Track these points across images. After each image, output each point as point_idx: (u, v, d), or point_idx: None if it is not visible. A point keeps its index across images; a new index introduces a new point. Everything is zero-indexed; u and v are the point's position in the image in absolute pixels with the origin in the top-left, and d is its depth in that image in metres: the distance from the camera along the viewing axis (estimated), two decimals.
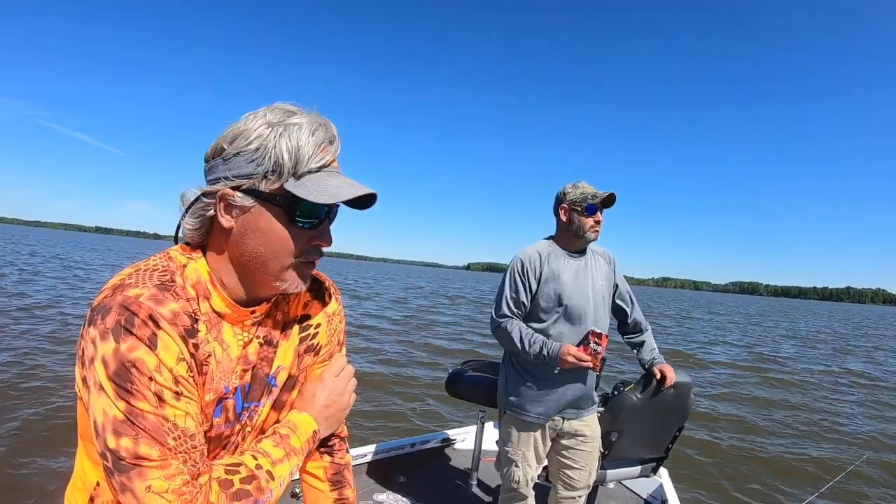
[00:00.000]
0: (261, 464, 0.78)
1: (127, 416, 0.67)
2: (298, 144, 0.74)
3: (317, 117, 0.78)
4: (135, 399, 0.67)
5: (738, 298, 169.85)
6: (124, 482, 0.67)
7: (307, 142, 0.74)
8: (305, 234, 0.78)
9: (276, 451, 0.81)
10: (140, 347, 0.67)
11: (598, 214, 2.19)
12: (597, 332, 2.05)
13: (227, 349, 0.80)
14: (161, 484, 0.67)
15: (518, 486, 2.25)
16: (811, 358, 14.42)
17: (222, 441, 0.83)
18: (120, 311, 0.68)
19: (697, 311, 37.06)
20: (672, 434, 2.50)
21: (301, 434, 0.86)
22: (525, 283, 2.19)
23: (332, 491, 1.06)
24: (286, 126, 0.74)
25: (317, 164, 0.75)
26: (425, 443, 3.52)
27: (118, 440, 0.66)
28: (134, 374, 0.67)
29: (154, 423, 0.68)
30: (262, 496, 0.76)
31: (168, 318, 0.71)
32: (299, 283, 0.80)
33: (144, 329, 0.68)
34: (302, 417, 0.88)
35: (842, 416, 7.66)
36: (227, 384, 0.81)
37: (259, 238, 0.77)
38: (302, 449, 0.85)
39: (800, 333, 23.65)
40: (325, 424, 0.91)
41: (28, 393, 5.28)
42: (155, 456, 0.67)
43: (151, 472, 0.67)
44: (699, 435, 6.07)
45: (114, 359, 0.66)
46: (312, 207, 0.76)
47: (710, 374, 10.24)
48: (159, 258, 0.80)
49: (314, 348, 0.96)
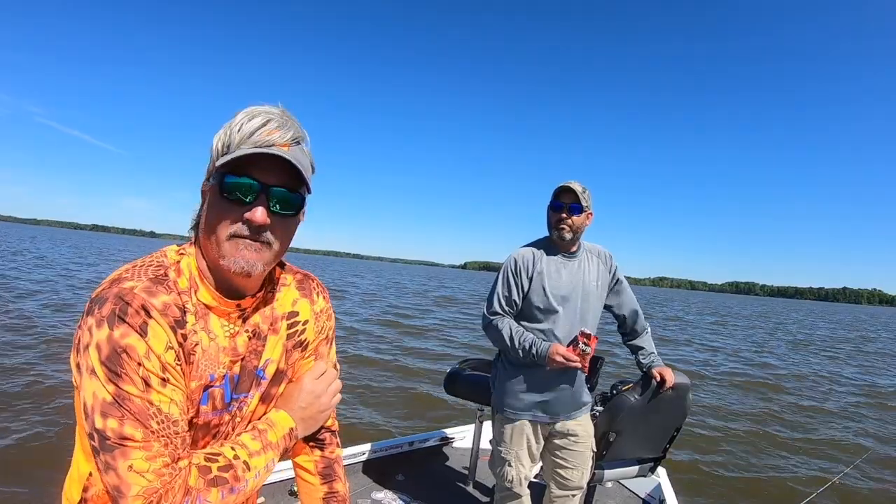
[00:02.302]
0: (238, 454, 0.82)
1: (115, 399, 0.71)
2: (231, 128, 0.79)
3: (264, 109, 0.81)
4: (123, 382, 0.71)
5: (734, 299, 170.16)
6: (108, 461, 0.71)
7: (238, 124, 0.79)
8: (237, 208, 0.79)
9: (254, 444, 0.85)
10: (131, 334, 0.72)
11: (563, 212, 2.14)
12: (586, 333, 2.06)
13: (214, 339, 0.84)
14: (142, 464, 0.71)
15: (512, 486, 2.26)
16: (810, 359, 14.47)
17: (211, 429, 0.86)
18: (115, 301, 0.73)
19: (693, 311, 37.17)
20: (670, 434, 2.51)
21: (277, 430, 0.90)
22: (517, 281, 2.19)
23: (322, 484, 1.10)
24: (233, 118, 0.81)
25: (245, 139, 0.78)
26: (424, 441, 3.53)
27: (105, 421, 0.71)
28: (124, 359, 0.71)
29: (140, 407, 0.72)
30: (238, 484, 0.80)
31: (159, 308, 0.75)
32: (236, 260, 0.80)
33: (136, 318, 0.73)
34: (280, 415, 0.93)
35: (838, 417, 7.69)
36: (213, 372, 0.84)
37: (210, 211, 0.81)
38: (278, 444, 0.89)
39: (799, 334, 23.67)
40: (303, 424, 0.95)
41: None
42: (138, 437, 0.71)
43: (134, 452, 0.71)
44: (698, 434, 6.10)
45: (107, 344, 0.71)
46: (237, 183, 0.78)
47: (708, 373, 10.28)
48: (155, 256, 0.84)
49: (302, 344, 1.00)
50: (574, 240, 2.20)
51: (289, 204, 0.81)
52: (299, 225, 0.88)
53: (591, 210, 2.18)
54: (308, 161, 0.84)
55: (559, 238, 2.18)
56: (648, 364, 2.36)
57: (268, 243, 0.81)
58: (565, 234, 2.16)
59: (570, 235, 2.16)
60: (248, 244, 0.80)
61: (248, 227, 0.79)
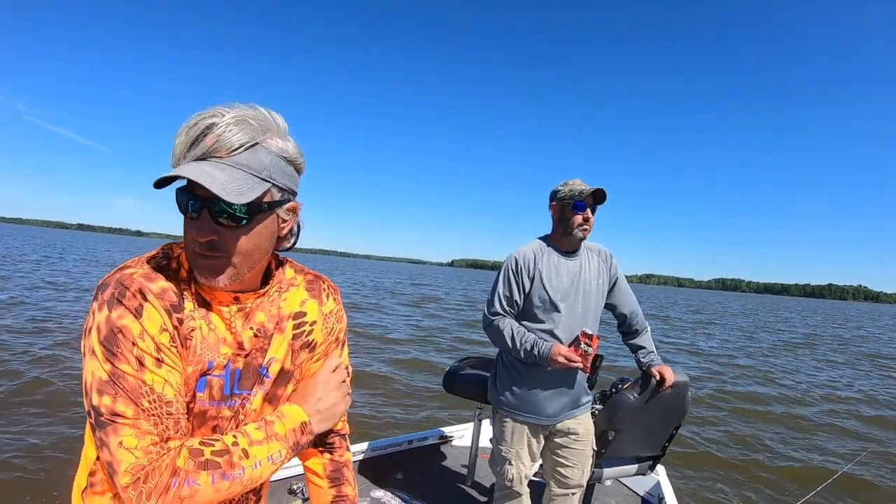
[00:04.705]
0: (238, 441, 0.82)
1: (110, 377, 0.74)
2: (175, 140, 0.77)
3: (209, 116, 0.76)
4: (118, 361, 0.74)
5: (720, 295, 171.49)
6: (102, 437, 0.74)
7: (179, 135, 0.77)
8: (189, 223, 0.79)
9: (257, 433, 0.85)
10: (127, 316, 0.75)
11: (587, 211, 2.15)
12: (588, 334, 2.06)
13: (213, 329, 0.85)
14: (132, 441, 0.73)
15: (512, 485, 2.26)
16: (807, 360, 14.54)
17: (208, 420, 0.86)
18: (115, 286, 0.77)
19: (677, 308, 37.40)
20: (669, 432, 2.52)
21: (287, 422, 0.89)
22: (518, 281, 2.18)
23: (331, 488, 1.10)
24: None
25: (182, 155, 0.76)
26: (423, 440, 3.53)
27: (100, 398, 0.74)
28: (120, 339, 0.74)
29: (133, 385, 0.74)
30: (233, 471, 0.79)
31: (156, 292, 0.79)
32: (202, 274, 0.80)
33: (133, 300, 0.76)
34: (292, 409, 0.92)
35: (839, 417, 7.74)
36: (212, 360, 0.84)
37: None
38: (286, 437, 0.87)
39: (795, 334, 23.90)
40: (318, 417, 0.94)
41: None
42: (129, 414, 0.73)
43: (125, 429, 0.73)
44: (697, 432, 6.15)
45: (105, 325, 0.75)
46: (179, 200, 0.79)
47: (705, 372, 10.37)
48: (164, 248, 0.87)
49: (309, 345, 0.99)
50: (583, 239, 2.22)
51: (233, 215, 0.77)
52: (285, 223, 0.86)
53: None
54: (265, 163, 0.79)
55: (580, 239, 2.19)
56: (648, 363, 2.36)
57: (224, 255, 0.79)
58: (587, 235, 2.18)
59: (588, 236, 2.19)
60: (203, 258, 0.79)
61: (197, 243, 0.78)
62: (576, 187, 2.16)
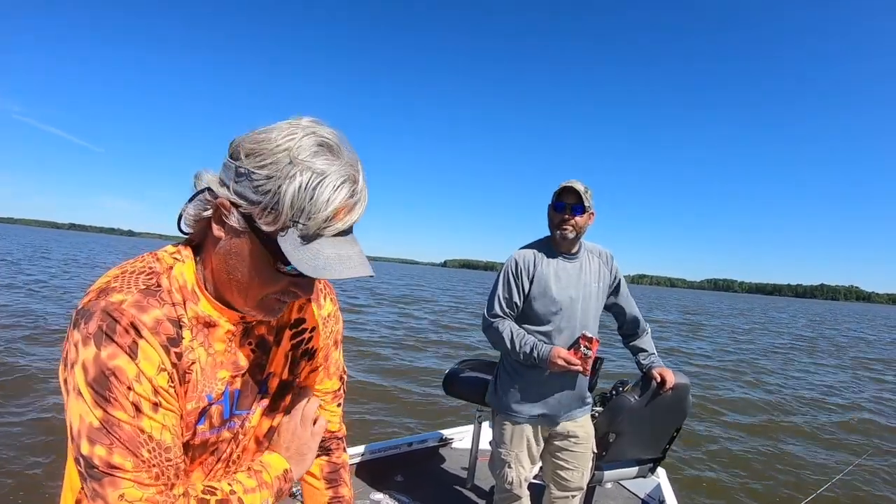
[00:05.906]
0: (234, 489, 0.79)
1: (103, 425, 0.66)
2: (310, 200, 0.66)
3: (347, 167, 0.70)
4: (112, 408, 0.66)
5: (712, 295, 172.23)
6: (96, 489, 0.67)
7: (322, 203, 0.67)
8: (287, 278, 0.75)
9: (249, 481, 0.83)
10: (120, 355, 0.67)
11: (566, 212, 2.13)
12: (587, 337, 2.06)
13: (213, 354, 0.80)
14: (134, 493, 0.67)
15: (511, 487, 2.26)
16: (807, 359, 14.59)
17: (209, 447, 0.84)
18: (102, 317, 0.67)
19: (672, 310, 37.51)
20: (670, 434, 2.52)
21: (272, 471, 0.87)
22: (518, 283, 2.18)
23: (327, 489, 1.09)
24: (308, 170, 0.66)
25: (321, 229, 0.68)
26: (422, 442, 3.52)
27: (92, 447, 0.66)
28: (113, 383, 0.66)
29: (130, 434, 0.67)
30: None
31: (150, 326, 0.70)
32: (267, 316, 0.80)
33: (125, 337, 0.67)
34: (273, 457, 0.90)
35: (839, 415, 7.77)
36: (211, 392, 0.80)
37: (241, 264, 0.74)
38: (272, 484, 0.86)
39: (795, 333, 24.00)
40: (293, 462, 0.91)
41: None
42: (129, 467, 0.67)
43: (124, 482, 0.67)
44: (697, 434, 6.16)
45: (94, 365, 0.66)
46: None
47: (704, 371, 10.39)
48: (147, 258, 0.78)
49: (309, 353, 0.97)
50: (576, 240, 2.19)
51: None
52: None
53: (593, 210, 2.17)
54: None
55: (561, 239, 2.17)
56: (649, 365, 2.36)
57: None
58: (568, 235, 2.15)
59: (573, 236, 2.15)
60: (283, 304, 0.79)
61: (290, 295, 0.78)
62: (560, 188, 2.17)
